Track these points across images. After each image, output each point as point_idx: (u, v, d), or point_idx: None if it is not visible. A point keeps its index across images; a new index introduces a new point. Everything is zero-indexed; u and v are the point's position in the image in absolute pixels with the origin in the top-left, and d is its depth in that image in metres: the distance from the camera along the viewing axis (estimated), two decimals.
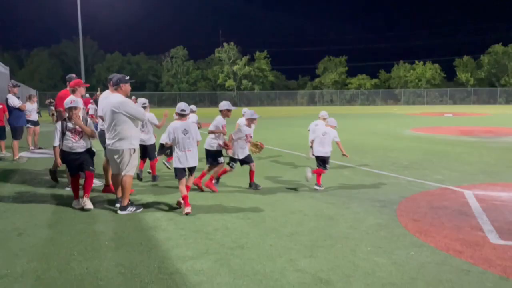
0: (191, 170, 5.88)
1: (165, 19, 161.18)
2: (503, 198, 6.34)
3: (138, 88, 67.36)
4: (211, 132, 6.82)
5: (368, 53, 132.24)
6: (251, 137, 7.27)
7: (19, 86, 10.51)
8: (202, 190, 6.85)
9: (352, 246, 4.35)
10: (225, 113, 6.96)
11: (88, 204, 5.66)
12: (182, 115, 5.81)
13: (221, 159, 6.93)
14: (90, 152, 5.88)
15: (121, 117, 5.39)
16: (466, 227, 4.99)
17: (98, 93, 7.57)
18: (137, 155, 5.69)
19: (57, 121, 6.07)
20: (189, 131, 5.68)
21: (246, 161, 7.12)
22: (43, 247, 4.33)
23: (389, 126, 21.84)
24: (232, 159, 7.08)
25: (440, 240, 4.52)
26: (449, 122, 25.46)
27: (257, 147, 7.52)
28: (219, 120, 6.86)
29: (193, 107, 16.39)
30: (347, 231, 4.82)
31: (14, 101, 9.76)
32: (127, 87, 5.63)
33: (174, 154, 5.76)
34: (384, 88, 70.89)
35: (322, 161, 7.17)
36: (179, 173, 5.67)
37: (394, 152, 11.66)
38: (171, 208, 5.83)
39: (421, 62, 69.86)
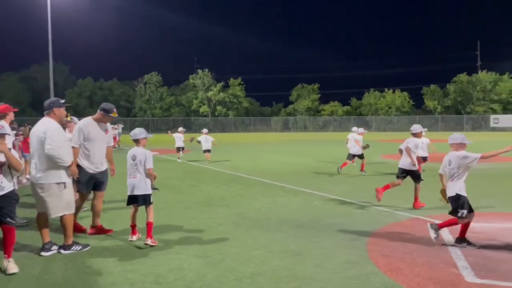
0: (142, 201, 5.35)
1: (139, 45, 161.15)
2: (476, 230, 6.09)
3: None
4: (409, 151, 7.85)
5: (340, 81, 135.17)
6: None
7: None
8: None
9: None
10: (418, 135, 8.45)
11: (11, 268, 4.27)
12: (134, 141, 5.55)
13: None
14: (11, 196, 4.42)
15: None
16: (439, 263, 4.67)
17: (67, 119, 6.84)
18: (69, 190, 5.00)
19: None
20: (137, 157, 5.37)
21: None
22: None
23: None
24: (460, 205, 5.74)
25: (412, 279, 4.18)
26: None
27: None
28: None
29: (180, 129, 17.30)
30: (313, 270, 4.42)
31: None
32: (61, 111, 5.12)
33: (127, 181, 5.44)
34: (356, 115, 72.06)
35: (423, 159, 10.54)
36: (128, 200, 5.46)
37: (366, 180, 11.45)
38: (121, 246, 5.27)
39: (391, 90, 71.76)
